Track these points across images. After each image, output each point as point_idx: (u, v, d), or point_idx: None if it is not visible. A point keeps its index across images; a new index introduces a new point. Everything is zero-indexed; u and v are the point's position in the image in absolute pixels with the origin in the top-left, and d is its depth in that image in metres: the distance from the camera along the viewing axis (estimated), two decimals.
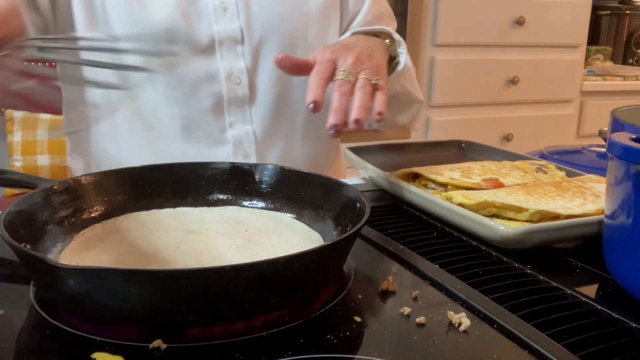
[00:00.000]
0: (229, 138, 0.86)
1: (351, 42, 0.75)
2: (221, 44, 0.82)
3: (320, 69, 0.68)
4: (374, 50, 0.74)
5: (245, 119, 0.86)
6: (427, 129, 2.15)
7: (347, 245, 0.54)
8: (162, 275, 0.43)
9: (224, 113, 0.85)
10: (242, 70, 0.84)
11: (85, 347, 0.43)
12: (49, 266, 0.42)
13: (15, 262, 0.57)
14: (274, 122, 0.88)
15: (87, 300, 0.43)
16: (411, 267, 0.58)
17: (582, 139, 2.35)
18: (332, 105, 0.64)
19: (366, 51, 0.72)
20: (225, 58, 0.83)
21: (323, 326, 0.47)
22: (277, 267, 0.45)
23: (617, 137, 0.51)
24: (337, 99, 0.65)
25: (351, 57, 0.69)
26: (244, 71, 0.84)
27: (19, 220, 0.53)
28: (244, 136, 0.86)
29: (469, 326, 0.47)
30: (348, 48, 0.71)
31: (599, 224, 0.60)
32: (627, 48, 2.78)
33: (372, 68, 0.70)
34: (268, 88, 0.86)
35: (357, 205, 0.58)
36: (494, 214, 0.66)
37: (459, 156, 0.98)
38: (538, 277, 0.56)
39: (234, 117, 0.85)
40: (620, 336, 0.47)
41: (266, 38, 0.84)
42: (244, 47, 0.83)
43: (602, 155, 1.20)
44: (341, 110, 0.64)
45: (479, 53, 2.15)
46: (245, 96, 0.85)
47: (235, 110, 0.85)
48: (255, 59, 0.85)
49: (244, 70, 0.84)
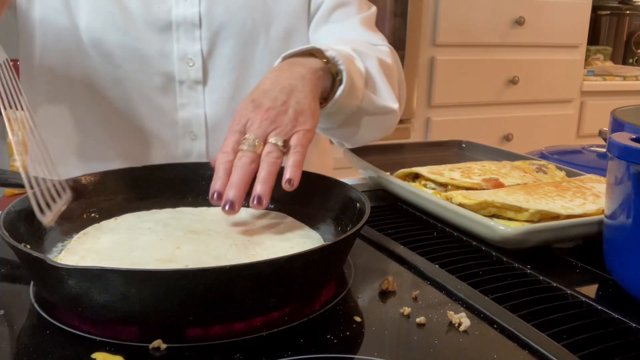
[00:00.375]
0: (178, 119, 0.86)
1: (266, 87, 0.65)
2: (178, 27, 0.83)
3: (225, 146, 0.61)
4: (295, 88, 0.64)
5: (197, 102, 0.86)
6: (427, 129, 2.15)
7: (347, 246, 0.54)
8: (163, 276, 0.43)
9: (176, 94, 0.85)
10: (196, 53, 0.84)
11: (85, 347, 0.43)
12: (49, 266, 0.42)
13: (15, 262, 0.57)
14: (229, 108, 0.87)
15: (87, 300, 0.43)
16: (411, 267, 0.58)
17: (582, 139, 2.35)
18: (232, 180, 0.58)
19: (282, 97, 0.63)
20: (182, 40, 0.83)
21: (323, 326, 0.47)
22: (278, 267, 0.45)
23: (617, 137, 0.51)
24: (234, 172, 0.58)
25: (258, 119, 0.61)
26: (198, 54, 0.84)
27: (19, 220, 0.53)
28: (194, 118, 0.86)
29: (469, 326, 0.47)
30: (257, 104, 0.63)
31: (599, 224, 0.60)
32: (627, 48, 2.77)
33: (285, 124, 0.61)
34: (224, 73, 0.86)
35: (357, 205, 0.58)
36: (494, 214, 0.66)
37: (459, 156, 0.98)
38: (538, 277, 0.56)
39: (186, 99, 0.85)
40: (620, 336, 0.47)
41: (226, 24, 0.84)
42: (202, 32, 0.84)
43: (602, 155, 1.20)
44: (234, 186, 0.57)
45: (479, 53, 2.15)
46: (199, 79, 0.85)
47: (187, 91, 0.85)
48: (212, 43, 0.84)
49: (198, 53, 0.84)
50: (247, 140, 0.60)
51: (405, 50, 1.98)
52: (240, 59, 0.86)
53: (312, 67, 0.68)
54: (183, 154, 0.87)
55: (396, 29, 1.97)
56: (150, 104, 0.85)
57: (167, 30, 0.82)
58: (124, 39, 0.80)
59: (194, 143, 0.87)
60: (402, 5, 1.95)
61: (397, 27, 1.98)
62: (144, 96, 0.84)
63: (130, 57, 0.82)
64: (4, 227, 0.49)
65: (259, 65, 0.87)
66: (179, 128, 0.86)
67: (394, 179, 0.78)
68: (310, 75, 0.67)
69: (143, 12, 0.81)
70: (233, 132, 0.62)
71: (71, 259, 0.53)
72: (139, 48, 0.82)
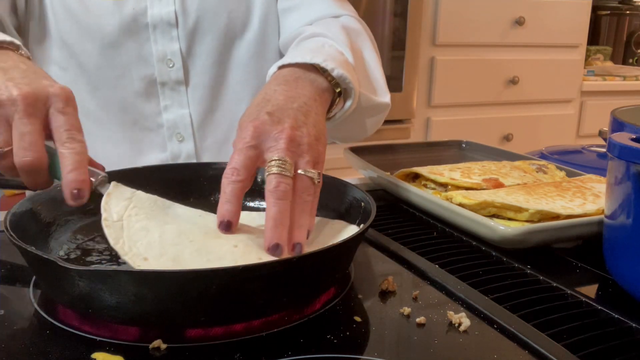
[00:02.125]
0: (163, 122, 0.85)
1: (280, 101, 0.57)
2: (155, 28, 0.82)
3: (237, 163, 0.52)
4: (310, 109, 0.58)
5: (181, 103, 0.85)
6: (427, 129, 2.15)
7: (356, 244, 0.54)
8: (175, 276, 0.43)
9: (158, 96, 0.85)
10: (175, 53, 0.83)
11: (85, 347, 0.43)
12: (60, 268, 0.42)
13: (15, 263, 0.57)
14: (213, 105, 0.87)
15: (98, 302, 0.43)
16: (411, 267, 0.58)
17: (582, 139, 2.35)
18: (271, 218, 0.50)
19: (301, 117, 0.56)
20: (159, 41, 0.82)
21: (323, 326, 0.47)
22: (289, 266, 0.45)
23: (617, 137, 0.51)
24: (275, 208, 0.50)
25: (284, 138, 0.53)
26: (177, 54, 0.83)
27: (24, 221, 0.53)
28: (179, 119, 0.86)
29: (469, 326, 0.47)
30: (276, 119, 0.54)
31: (599, 224, 0.60)
32: (627, 48, 2.77)
33: (312, 147, 0.54)
34: (204, 71, 0.85)
35: (362, 204, 0.58)
36: (494, 214, 0.66)
37: (459, 156, 0.98)
38: (538, 277, 0.56)
39: (169, 101, 0.85)
40: (620, 336, 0.47)
41: (202, 22, 0.83)
42: (179, 31, 0.83)
43: (602, 155, 1.20)
44: (283, 226, 0.50)
45: (479, 53, 2.15)
46: (180, 79, 0.84)
47: (170, 93, 0.85)
48: (190, 42, 0.84)
49: (177, 53, 0.83)
50: (279, 160, 0.51)
51: (405, 50, 1.98)
52: (220, 53, 0.85)
53: (320, 88, 0.63)
54: (171, 156, 0.86)
55: (396, 29, 1.97)
56: (134, 110, 0.84)
57: (143, 32, 0.81)
58: (100, 49, 0.79)
59: (182, 145, 0.86)
60: (402, 5, 1.95)
61: (397, 27, 1.97)
62: (126, 103, 0.84)
63: (108, 66, 0.81)
64: (11, 228, 0.49)
65: (238, 59, 0.86)
66: (165, 131, 0.86)
67: (394, 179, 0.78)
68: (319, 97, 0.62)
69: (117, 17, 0.80)
70: (248, 147, 0.53)
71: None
72: (117, 55, 0.81)
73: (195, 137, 0.87)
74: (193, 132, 0.86)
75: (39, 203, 0.57)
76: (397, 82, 2.00)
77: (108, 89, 0.83)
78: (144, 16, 0.81)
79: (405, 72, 2.00)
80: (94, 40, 0.77)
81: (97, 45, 0.78)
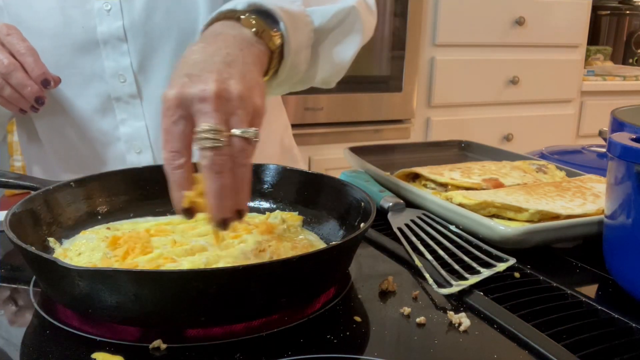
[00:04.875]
0: (121, 135, 0.86)
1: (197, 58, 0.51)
2: (106, 44, 0.81)
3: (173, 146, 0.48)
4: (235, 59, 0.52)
5: (137, 116, 0.85)
6: (427, 129, 2.15)
7: (356, 244, 0.54)
8: (175, 276, 0.43)
9: (114, 111, 0.85)
10: (127, 68, 0.83)
11: (85, 347, 0.43)
12: (60, 268, 0.42)
13: (14, 263, 0.57)
14: None
15: (98, 302, 0.44)
16: (411, 267, 0.58)
17: (582, 139, 2.35)
18: (213, 194, 0.47)
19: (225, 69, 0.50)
20: (111, 57, 0.82)
21: (323, 326, 0.47)
22: (289, 266, 0.45)
23: (617, 137, 0.51)
24: (215, 184, 0.46)
25: (210, 97, 0.47)
26: (129, 69, 0.83)
27: (24, 221, 0.53)
28: (135, 132, 0.86)
29: (469, 326, 0.47)
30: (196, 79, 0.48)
31: (599, 224, 0.60)
32: (627, 48, 2.77)
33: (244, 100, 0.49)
34: (158, 83, 0.85)
35: (362, 204, 0.58)
36: (494, 214, 0.66)
37: (459, 156, 0.98)
38: (538, 277, 0.56)
39: (125, 114, 0.85)
40: (620, 336, 0.47)
41: (151, 36, 0.82)
42: (129, 45, 0.82)
43: (602, 155, 1.19)
44: (227, 198, 0.47)
45: (479, 53, 2.15)
46: (134, 93, 0.84)
47: (125, 106, 0.85)
48: (141, 56, 0.83)
49: (129, 67, 0.83)
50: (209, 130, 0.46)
51: (405, 50, 1.98)
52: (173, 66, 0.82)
53: (245, 39, 0.56)
54: None
55: (396, 29, 1.97)
56: (92, 126, 0.85)
57: (95, 50, 0.81)
58: (55, 70, 0.78)
59: (140, 156, 0.87)
60: (402, 5, 1.95)
61: (397, 27, 1.97)
62: (84, 119, 0.85)
63: (65, 86, 0.81)
64: (11, 228, 0.49)
65: None
66: (122, 144, 0.86)
67: (394, 179, 0.78)
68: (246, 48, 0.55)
69: (69, 37, 0.80)
70: (175, 121, 0.48)
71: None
72: (72, 75, 0.81)
73: (153, 148, 0.87)
74: (150, 144, 0.87)
75: (39, 203, 0.57)
76: (397, 82, 2.00)
77: (67, 108, 0.84)
78: (93, 33, 0.81)
79: (405, 72, 2.00)
80: (48, 63, 0.76)
81: (52, 68, 0.77)
